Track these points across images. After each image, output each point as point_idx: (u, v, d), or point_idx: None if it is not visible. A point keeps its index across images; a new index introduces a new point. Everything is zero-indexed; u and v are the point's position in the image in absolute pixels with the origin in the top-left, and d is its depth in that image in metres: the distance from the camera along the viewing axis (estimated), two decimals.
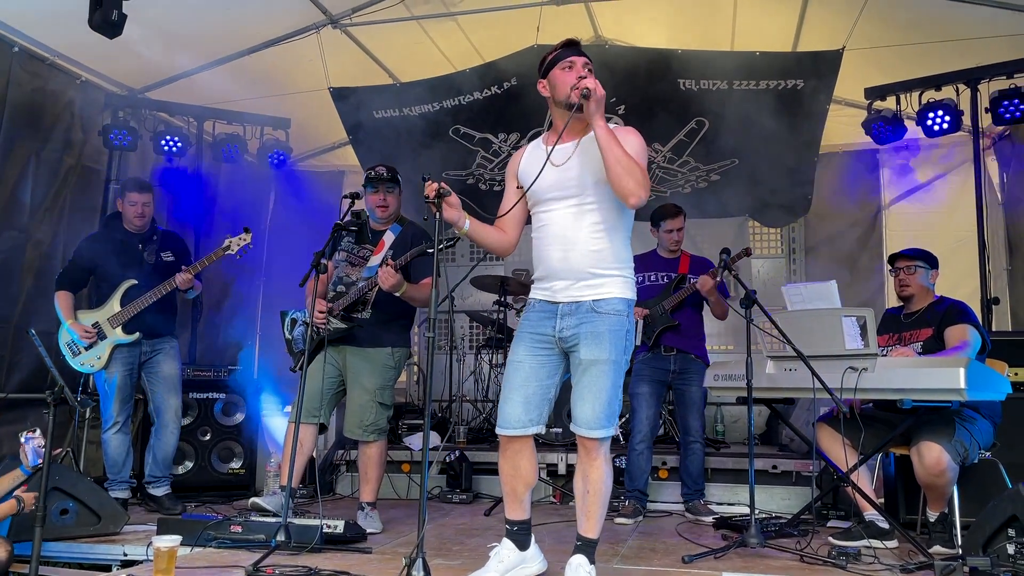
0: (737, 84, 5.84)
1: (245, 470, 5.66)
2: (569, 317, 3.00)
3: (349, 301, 4.25)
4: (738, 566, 3.39)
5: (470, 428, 6.60)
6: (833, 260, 7.17)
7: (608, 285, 3.00)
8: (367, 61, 6.43)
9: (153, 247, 4.97)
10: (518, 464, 3.10)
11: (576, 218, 3.00)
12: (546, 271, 3.07)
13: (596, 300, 2.98)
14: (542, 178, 3.01)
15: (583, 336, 2.96)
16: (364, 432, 4.26)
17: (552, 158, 2.99)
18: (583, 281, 2.99)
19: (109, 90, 6.14)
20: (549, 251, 3.04)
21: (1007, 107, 5.45)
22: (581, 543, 3.01)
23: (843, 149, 7.15)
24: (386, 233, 4.38)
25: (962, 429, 3.69)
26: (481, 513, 4.92)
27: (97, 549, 3.82)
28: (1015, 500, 3.20)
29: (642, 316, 4.92)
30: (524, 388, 3.04)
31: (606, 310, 2.98)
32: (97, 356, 4.74)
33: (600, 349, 2.94)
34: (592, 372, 2.94)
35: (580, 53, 3.01)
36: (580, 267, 2.99)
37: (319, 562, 3.28)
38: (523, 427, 3.04)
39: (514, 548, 3.12)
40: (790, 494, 5.16)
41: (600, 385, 2.94)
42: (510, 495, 3.15)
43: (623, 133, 3.01)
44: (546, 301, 3.07)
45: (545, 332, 3.05)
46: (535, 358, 3.06)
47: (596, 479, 2.98)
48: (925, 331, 4.00)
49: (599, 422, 2.93)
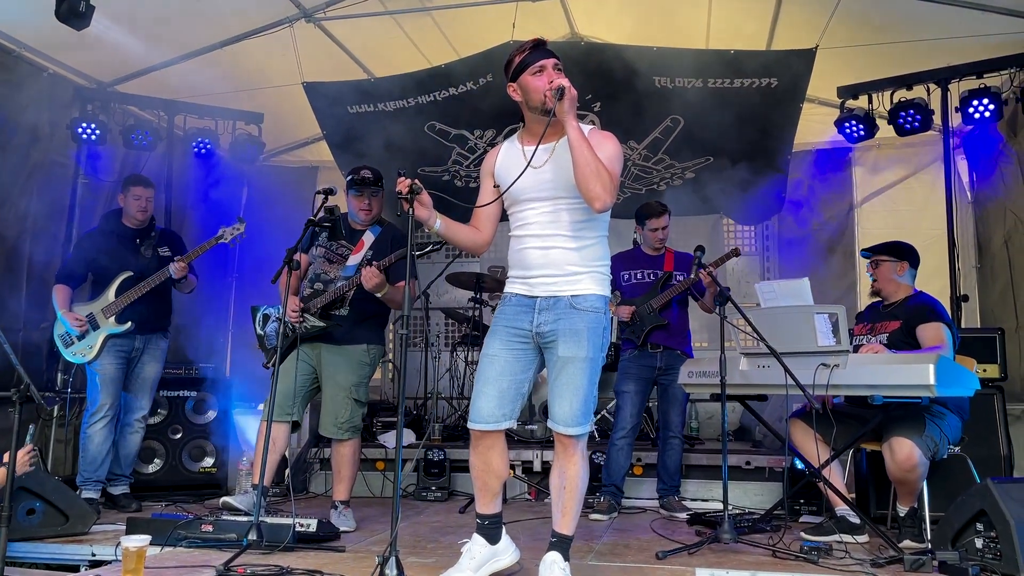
0: (712, 82, 5.86)
1: (217, 469, 5.60)
2: (547, 312, 2.99)
3: (328, 300, 4.21)
4: (711, 562, 3.41)
5: (445, 425, 6.58)
6: (807, 258, 7.22)
7: (586, 281, 3.00)
8: (341, 56, 6.38)
9: (151, 242, 4.97)
10: (489, 459, 3.09)
11: (554, 217, 3.01)
12: (525, 266, 3.06)
13: (575, 296, 2.98)
14: (520, 179, 3.00)
15: (561, 332, 2.96)
16: (339, 430, 4.23)
17: (530, 159, 2.98)
18: (562, 276, 2.99)
19: (77, 83, 6.05)
20: (528, 248, 3.04)
21: (976, 107, 5.54)
22: (556, 539, 3.01)
23: (816, 147, 7.21)
24: (366, 233, 4.36)
25: (932, 425, 3.73)
26: (456, 511, 4.91)
27: (65, 549, 3.76)
28: (983, 495, 3.24)
29: (630, 315, 4.93)
30: (498, 382, 3.03)
31: (584, 307, 2.98)
32: (89, 346, 4.72)
33: (578, 347, 2.95)
34: (570, 370, 2.95)
35: (549, 54, 2.99)
36: (559, 262, 2.99)
37: (292, 561, 3.25)
38: (496, 422, 3.03)
39: (485, 543, 3.12)
40: (763, 490, 5.19)
41: (578, 383, 2.94)
42: (481, 490, 3.14)
43: (600, 138, 3.02)
44: (523, 295, 3.06)
45: (522, 326, 3.04)
46: (510, 352, 3.05)
47: (573, 475, 2.99)
48: (893, 323, 4.05)
49: (576, 419, 2.93)
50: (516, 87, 3.04)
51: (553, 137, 3.01)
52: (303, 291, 4.34)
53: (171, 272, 4.70)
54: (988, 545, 3.20)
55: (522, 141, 3.11)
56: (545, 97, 2.89)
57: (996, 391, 4.47)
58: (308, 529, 3.65)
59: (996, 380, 4.63)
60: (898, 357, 3.60)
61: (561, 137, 2.98)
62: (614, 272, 5.06)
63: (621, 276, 5.09)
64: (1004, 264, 6.04)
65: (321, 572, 3.08)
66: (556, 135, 3.00)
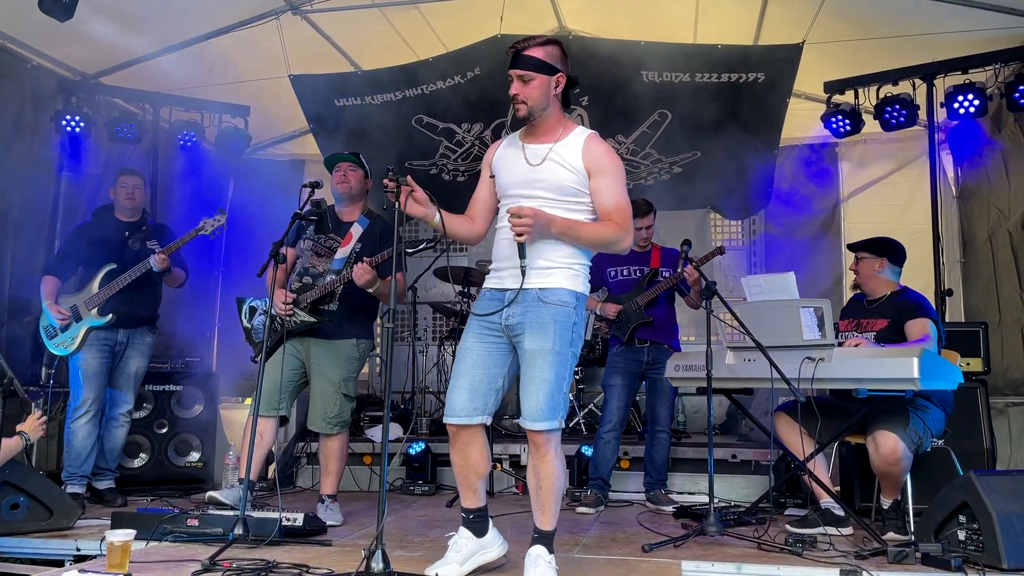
0: (699, 76, 5.88)
1: (203, 463, 5.57)
2: (516, 305, 2.96)
3: (318, 295, 4.18)
4: (696, 554, 3.42)
5: (433, 420, 6.58)
6: (793, 252, 7.25)
7: (556, 275, 2.97)
8: (328, 48, 6.34)
9: (140, 236, 4.93)
10: (468, 455, 3.08)
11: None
12: (498, 257, 3.07)
13: (543, 289, 2.95)
14: (511, 173, 3.03)
15: (527, 325, 2.94)
16: (327, 424, 4.22)
17: (528, 156, 3.01)
18: (532, 269, 2.94)
19: (61, 75, 5.99)
20: (504, 241, 3.03)
21: (961, 102, 5.57)
22: (538, 535, 3.01)
23: (803, 142, 7.23)
24: (354, 225, 4.31)
25: (916, 418, 3.76)
26: (443, 505, 4.91)
27: (49, 544, 3.73)
28: (966, 488, 3.27)
29: (615, 313, 4.93)
30: (471, 376, 3.02)
31: (552, 300, 2.95)
32: (71, 337, 4.69)
33: (544, 339, 2.91)
34: (536, 363, 2.92)
35: (518, 64, 2.96)
36: (531, 255, 2.94)
37: (278, 555, 3.24)
38: (468, 416, 3.01)
39: (471, 536, 3.13)
40: (749, 483, 5.22)
41: (543, 376, 2.90)
42: (463, 485, 3.16)
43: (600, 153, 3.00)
44: (495, 289, 3.06)
45: (492, 320, 3.03)
46: (483, 346, 3.04)
47: (547, 475, 2.97)
48: (881, 321, 4.05)
49: (542, 413, 2.90)
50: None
51: (550, 138, 3.02)
52: (291, 284, 4.31)
53: (151, 264, 4.66)
54: (970, 537, 3.23)
55: (523, 137, 3.11)
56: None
57: (979, 385, 4.51)
58: (295, 523, 3.64)
59: (979, 374, 4.68)
60: (882, 351, 3.62)
61: (559, 139, 3.01)
62: (601, 268, 5.12)
63: (608, 272, 5.10)
64: (988, 259, 6.09)
65: (308, 566, 3.07)
66: (553, 137, 3.02)
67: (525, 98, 2.95)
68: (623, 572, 3.09)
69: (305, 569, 3.02)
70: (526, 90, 2.95)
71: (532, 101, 2.95)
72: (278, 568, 3.04)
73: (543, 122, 3.01)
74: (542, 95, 2.95)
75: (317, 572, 2.95)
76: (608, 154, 3.04)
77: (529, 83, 2.95)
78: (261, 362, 4.06)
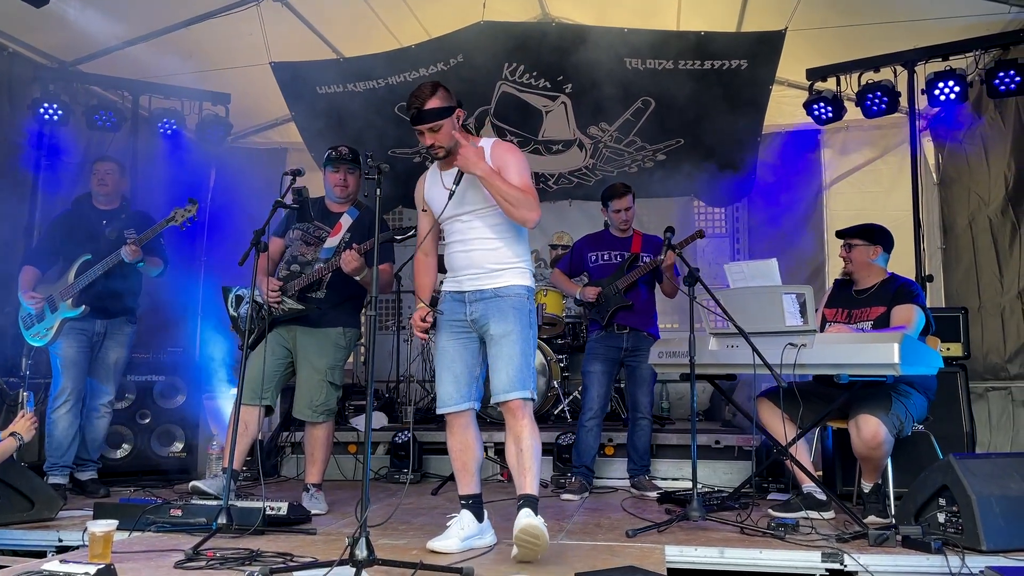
0: (682, 64, 5.88)
1: (186, 453, 5.55)
2: (476, 303, 3.34)
3: (306, 282, 4.17)
4: (680, 539, 3.45)
5: (417, 408, 6.58)
6: (776, 239, 7.28)
7: (506, 276, 3.35)
8: (310, 35, 6.28)
9: (117, 225, 4.85)
10: (466, 439, 3.40)
11: (472, 226, 3.36)
12: (453, 268, 3.43)
13: (497, 287, 3.33)
14: (442, 202, 3.35)
15: (491, 315, 3.31)
16: (314, 413, 4.22)
17: (447, 184, 3.34)
18: (484, 273, 3.34)
19: (39, 62, 5.91)
20: (455, 252, 3.41)
21: (942, 89, 5.60)
22: (524, 500, 3.18)
23: (785, 129, 7.26)
24: (343, 216, 4.30)
25: (898, 403, 3.78)
26: (428, 493, 4.91)
27: (31, 535, 3.70)
28: (945, 471, 3.31)
29: (595, 296, 4.94)
30: (452, 369, 3.39)
31: (508, 294, 3.33)
32: (46, 328, 4.65)
33: (507, 323, 3.28)
34: (503, 343, 3.27)
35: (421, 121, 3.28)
36: (480, 262, 3.34)
37: (262, 544, 3.24)
38: (456, 403, 3.36)
39: (474, 519, 3.32)
40: (732, 468, 5.26)
41: (511, 352, 3.26)
42: (462, 470, 3.41)
43: (502, 152, 3.37)
44: (454, 291, 3.42)
45: (459, 318, 3.39)
46: (457, 342, 3.40)
47: (525, 436, 3.25)
48: (877, 309, 4.02)
49: (514, 384, 3.23)
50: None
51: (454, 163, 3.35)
52: (279, 273, 4.29)
53: (123, 255, 4.61)
54: (950, 519, 3.27)
55: (441, 167, 3.46)
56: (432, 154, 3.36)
57: (959, 369, 4.55)
58: (279, 512, 3.63)
59: (959, 359, 4.71)
60: (864, 336, 3.65)
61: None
62: (582, 254, 5.13)
63: (588, 257, 5.10)
64: (968, 245, 6.14)
65: (291, 555, 3.06)
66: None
67: (440, 144, 3.30)
68: (607, 557, 3.10)
69: (289, 557, 3.02)
70: (438, 137, 3.30)
71: (446, 142, 3.30)
72: (262, 557, 3.03)
73: (456, 149, 3.30)
74: (450, 135, 3.30)
75: (301, 560, 2.94)
76: (510, 150, 3.41)
77: (439, 131, 3.29)
78: (245, 350, 4.03)
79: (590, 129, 6.75)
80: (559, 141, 6.91)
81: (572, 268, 5.22)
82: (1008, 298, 5.64)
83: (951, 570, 3.01)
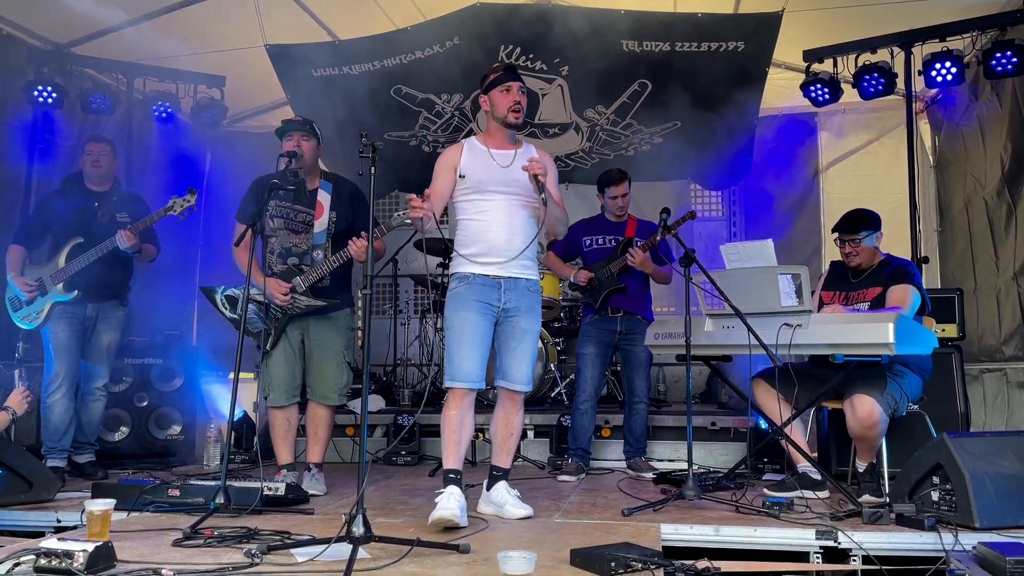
0: (679, 46, 5.85)
1: (184, 436, 5.57)
2: (511, 292, 3.57)
3: (317, 276, 4.12)
4: (675, 518, 3.47)
5: (415, 391, 6.59)
6: (772, 222, 7.28)
7: (533, 269, 3.67)
8: (305, 17, 6.23)
9: (109, 208, 4.84)
10: (469, 416, 3.56)
11: (517, 210, 3.59)
12: (487, 249, 3.56)
13: (528, 280, 3.64)
14: (488, 172, 3.59)
15: (523, 309, 3.60)
16: (338, 396, 4.25)
17: (497, 160, 3.62)
18: (520, 263, 3.57)
19: (32, 45, 5.88)
20: (493, 233, 3.56)
21: (939, 70, 5.59)
22: (500, 472, 3.68)
23: (782, 112, 7.26)
24: (319, 193, 4.23)
25: (893, 383, 3.79)
26: (425, 474, 4.93)
27: (30, 516, 3.72)
28: (939, 449, 3.32)
29: (587, 280, 4.95)
30: (480, 348, 3.52)
31: (534, 290, 3.67)
32: (36, 311, 4.65)
33: (536, 322, 3.66)
34: (529, 339, 3.63)
35: (517, 78, 3.64)
36: (519, 250, 3.55)
37: (259, 523, 3.25)
38: (477, 381, 3.51)
39: (461, 493, 3.35)
40: (728, 450, 5.28)
41: (533, 350, 3.67)
42: (458, 444, 3.50)
43: (548, 162, 3.70)
44: (489, 276, 3.55)
45: (491, 302, 3.55)
46: (486, 322, 3.55)
47: (517, 423, 3.72)
48: (873, 290, 4.03)
49: (528, 378, 3.66)
50: (486, 99, 3.68)
51: (512, 146, 3.70)
52: (274, 267, 4.18)
53: (117, 242, 4.59)
54: (944, 497, 3.29)
55: (485, 144, 3.69)
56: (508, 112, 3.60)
57: (954, 350, 4.57)
58: (276, 492, 3.65)
59: (955, 339, 4.73)
60: (859, 316, 3.66)
61: (519, 147, 3.70)
62: (576, 238, 5.13)
63: (583, 241, 5.11)
64: (964, 227, 6.15)
65: (289, 533, 3.08)
66: (514, 145, 3.72)
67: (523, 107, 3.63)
68: (603, 535, 3.12)
69: (287, 535, 3.03)
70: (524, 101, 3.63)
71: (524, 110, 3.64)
72: (259, 535, 3.04)
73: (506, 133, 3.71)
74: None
75: (298, 538, 2.95)
76: (552, 163, 3.78)
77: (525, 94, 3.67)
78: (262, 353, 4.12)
79: (587, 112, 6.73)
80: (556, 124, 6.88)
81: (567, 252, 5.22)
82: (1003, 280, 5.65)
83: (944, 547, 3.03)
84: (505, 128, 3.65)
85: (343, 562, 2.51)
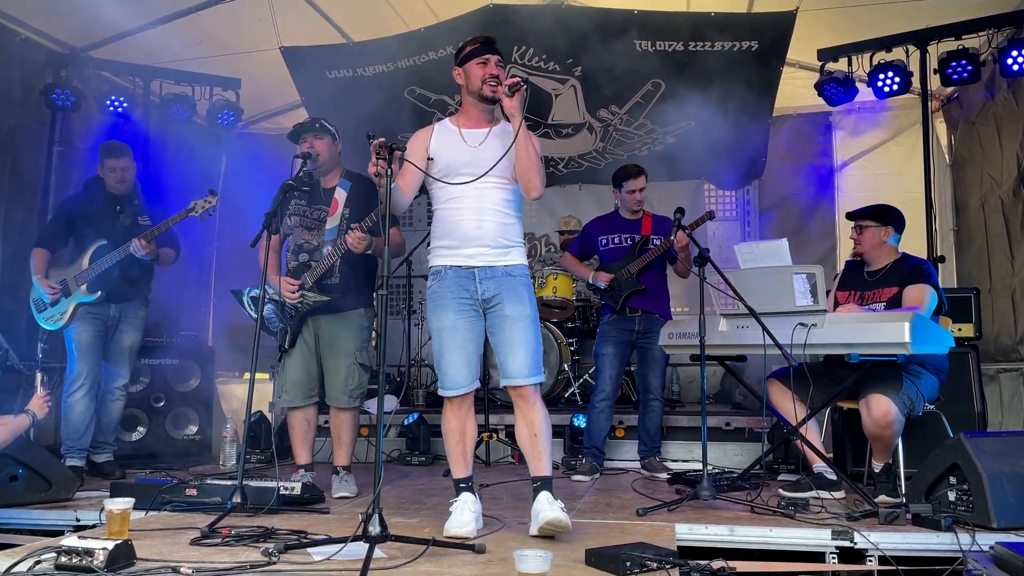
0: (693, 45, 5.84)
1: (200, 436, 5.61)
2: (487, 280, 3.28)
3: (321, 271, 4.13)
4: (690, 517, 3.47)
5: (429, 392, 6.61)
6: (787, 222, 7.27)
7: (513, 254, 3.34)
8: (319, 20, 6.26)
9: (131, 210, 4.90)
10: (469, 421, 3.37)
11: (488, 193, 3.29)
12: (459, 239, 3.30)
13: (507, 265, 3.30)
14: (458, 154, 3.31)
15: (505, 295, 3.27)
16: (351, 398, 4.21)
17: (467, 140, 3.34)
18: (495, 248, 3.29)
19: (51, 48, 5.94)
20: (463, 220, 3.29)
21: (955, 68, 5.54)
22: (540, 482, 3.19)
23: (796, 111, 7.23)
24: (337, 190, 4.24)
25: (909, 382, 3.77)
26: (440, 474, 4.95)
27: (49, 515, 3.76)
28: (956, 449, 3.31)
29: (608, 282, 4.95)
30: (464, 349, 3.29)
31: (517, 274, 3.32)
32: (60, 312, 4.70)
33: (524, 305, 3.28)
34: (520, 326, 3.25)
35: (495, 51, 3.34)
36: (492, 235, 3.28)
37: (276, 523, 3.28)
38: (468, 385, 3.30)
39: (475, 499, 3.28)
40: (742, 450, 5.27)
41: (528, 336, 3.25)
42: (463, 453, 3.35)
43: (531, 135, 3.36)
44: (460, 267, 3.30)
45: (468, 295, 3.29)
46: (466, 320, 3.30)
47: (538, 422, 3.26)
48: (889, 290, 4.00)
49: (531, 369, 3.24)
50: (461, 71, 3.37)
51: (486, 123, 3.39)
52: (288, 264, 4.22)
53: (131, 250, 4.63)
54: (961, 498, 3.28)
55: (458, 124, 3.40)
56: (483, 84, 3.27)
57: (971, 350, 4.54)
58: (292, 492, 3.68)
59: (971, 339, 4.71)
60: (874, 316, 3.64)
61: (494, 124, 3.40)
62: (592, 237, 5.13)
63: (599, 241, 5.11)
64: (980, 226, 6.11)
65: (305, 532, 3.10)
66: (488, 122, 3.40)
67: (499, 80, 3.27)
68: (618, 535, 3.12)
69: (303, 535, 3.05)
70: (501, 73, 3.30)
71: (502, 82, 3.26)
72: (276, 534, 3.07)
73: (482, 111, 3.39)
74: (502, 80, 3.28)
75: (315, 537, 2.97)
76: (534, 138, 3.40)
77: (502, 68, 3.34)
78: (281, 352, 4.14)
79: (600, 112, 6.73)
80: (569, 125, 6.89)
81: (583, 251, 5.23)
82: (1019, 279, 5.61)
83: (961, 547, 3.01)
84: (481, 103, 3.33)
85: (359, 561, 2.53)
